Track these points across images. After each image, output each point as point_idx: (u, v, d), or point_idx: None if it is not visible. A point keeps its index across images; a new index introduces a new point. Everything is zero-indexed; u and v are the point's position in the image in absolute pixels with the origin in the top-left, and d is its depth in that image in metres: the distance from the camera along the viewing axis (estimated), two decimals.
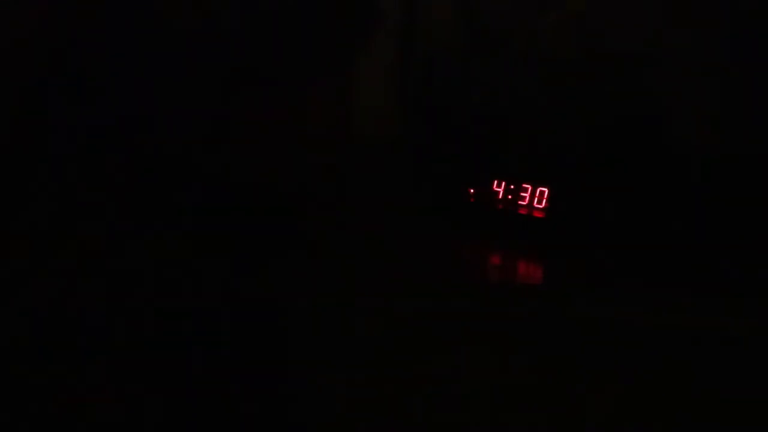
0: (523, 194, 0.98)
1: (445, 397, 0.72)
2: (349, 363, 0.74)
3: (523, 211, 0.98)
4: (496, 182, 1.00)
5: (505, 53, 1.04)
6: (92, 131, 0.77)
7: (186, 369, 0.71)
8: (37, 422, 0.66)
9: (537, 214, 0.97)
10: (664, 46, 0.95)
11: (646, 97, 0.96)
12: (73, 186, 0.76)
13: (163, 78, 0.78)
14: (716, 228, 0.89)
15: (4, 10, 0.75)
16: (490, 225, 1.00)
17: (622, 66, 0.97)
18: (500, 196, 1.00)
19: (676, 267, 0.87)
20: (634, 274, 0.86)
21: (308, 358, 0.74)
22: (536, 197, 0.98)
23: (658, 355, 0.75)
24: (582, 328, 0.78)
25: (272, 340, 0.75)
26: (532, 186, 0.98)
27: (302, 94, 0.90)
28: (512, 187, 0.99)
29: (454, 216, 1.03)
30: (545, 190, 0.97)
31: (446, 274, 0.88)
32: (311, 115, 0.95)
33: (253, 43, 0.83)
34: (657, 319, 0.78)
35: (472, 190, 1.01)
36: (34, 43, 0.75)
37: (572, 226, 0.94)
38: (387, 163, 1.06)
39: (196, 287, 0.77)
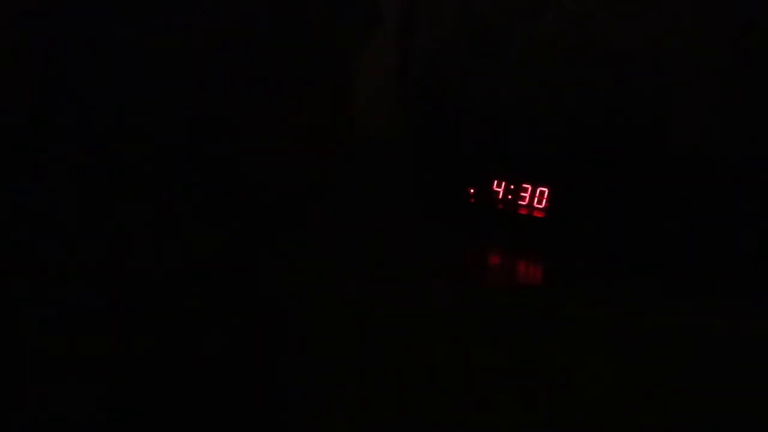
0: (523, 194, 0.98)
1: (445, 397, 0.72)
2: (349, 363, 0.74)
3: (523, 211, 0.98)
4: (496, 182, 1.00)
5: (505, 53, 1.04)
6: (91, 129, 0.77)
7: (185, 369, 0.71)
8: (36, 420, 0.66)
9: (537, 214, 0.97)
10: (664, 46, 0.95)
11: (647, 97, 0.96)
12: (73, 184, 0.76)
13: (164, 78, 0.78)
14: (716, 228, 0.89)
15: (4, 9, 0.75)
16: (490, 225, 1.00)
17: (623, 66, 0.97)
18: (500, 196, 1.00)
19: (675, 267, 0.87)
20: (634, 274, 0.86)
21: (307, 358, 0.74)
22: (536, 197, 0.98)
23: (658, 355, 0.75)
24: (582, 328, 0.78)
25: (271, 341, 0.75)
26: (532, 186, 0.98)
27: (302, 94, 0.90)
28: (512, 187, 0.99)
29: (454, 216, 1.03)
30: (545, 190, 0.97)
31: (446, 275, 0.88)
32: (311, 114, 0.95)
33: (253, 43, 0.83)
34: (657, 319, 0.78)
35: (472, 190, 1.01)
36: (32, 41, 0.75)
37: (572, 226, 0.94)
38: (387, 163, 1.06)
39: (196, 288, 0.77)
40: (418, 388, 0.72)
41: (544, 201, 0.97)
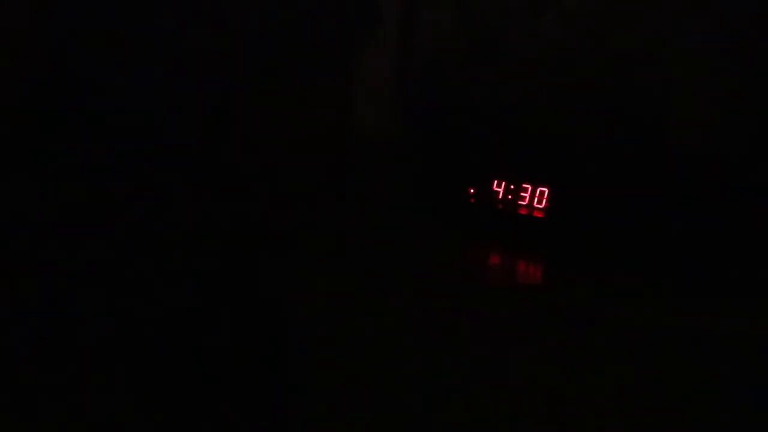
0: (523, 194, 0.98)
1: (445, 397, 0.72)
2: (348, 363, 0.74)
3: (523, 211, 0.98)
4: (496, 182, 1.00)
5: (504, 53, 1.04)
6: (94, 128, 0.77)
7: (184, 369, 0.71)
8: (37, 420, 0.66)
9: (537, 214, 0.97)
10: (664, 46, 0.95)
11: (647, 97, 0.96)
12: (75, 183, 0.76)
13: (163, 80, 0.78)
14: (716, 228, 0.89)
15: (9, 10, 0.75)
16: (490, 225, 1.00)
17: (623, 66, 0.97)
18: (500, 196, 1.00)
19: (675, 267, 0.87)
20: (634, 275, 0.86)
21: (307, 358, 0.75)
22: (536, 197, 0.98)
23: (659, 355, 0.75)
24: (582, 328, 0.78)
25: (271, 341, 0.75)
26: (532, 186, 0.98)
27: (303, 93, 0.90)
28: (512, 187, 0.99)
29: (454, 216, 1.03)
30: (545, 190, 0.97)
31: (446, 274, 0.88)
32: (311, 114, 0.95)
33: (253, 44, 0.83)
34: (657, 319, 0.78)
35: (472, 190, 1.01)
36: (36, 41, 0.75)
37: (572, 226, 0.94)
38: (387, 163, 1.06)
39: (196, 287, 0.77)
40: (418, 388, 0.72)
41: (544, 201, 0.97)
